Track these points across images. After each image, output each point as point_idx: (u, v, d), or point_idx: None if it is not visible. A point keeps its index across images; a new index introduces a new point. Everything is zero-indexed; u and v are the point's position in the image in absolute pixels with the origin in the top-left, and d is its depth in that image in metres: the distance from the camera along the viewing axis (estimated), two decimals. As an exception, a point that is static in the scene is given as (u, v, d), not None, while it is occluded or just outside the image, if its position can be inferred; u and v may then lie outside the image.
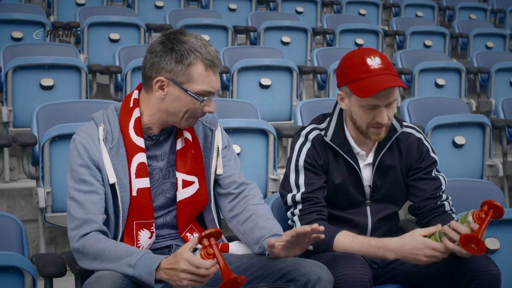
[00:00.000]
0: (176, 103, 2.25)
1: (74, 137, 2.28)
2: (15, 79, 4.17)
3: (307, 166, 2.50)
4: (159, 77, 2.24)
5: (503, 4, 8.41)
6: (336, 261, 2.28)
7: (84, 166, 2.23)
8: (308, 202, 2.47)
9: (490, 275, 2.32)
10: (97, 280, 2.05)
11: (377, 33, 6.50)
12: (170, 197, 2.35)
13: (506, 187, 4.62)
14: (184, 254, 2.02)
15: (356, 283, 2.23)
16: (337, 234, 2.40)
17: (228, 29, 5.88)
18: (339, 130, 2.55)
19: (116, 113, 2.32)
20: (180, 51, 2.22)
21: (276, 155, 3.71)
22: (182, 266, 2.01)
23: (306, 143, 2.54)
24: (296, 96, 4.87)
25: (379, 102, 2.42)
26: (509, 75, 5.70)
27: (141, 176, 2.27)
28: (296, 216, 2.48)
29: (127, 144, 2.28)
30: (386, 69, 2.42)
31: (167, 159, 2.34)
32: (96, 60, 5.30)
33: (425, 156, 2.59)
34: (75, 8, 6.06)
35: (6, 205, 3.89)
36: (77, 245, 2.18)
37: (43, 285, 2.35)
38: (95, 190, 2.23)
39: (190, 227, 2.37)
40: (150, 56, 2.27)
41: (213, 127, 2.41)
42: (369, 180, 2.57)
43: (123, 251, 2.13)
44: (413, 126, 2.65)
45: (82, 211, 2.20)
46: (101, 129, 2.27)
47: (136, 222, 2.27)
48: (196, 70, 2.23)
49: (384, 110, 2.43)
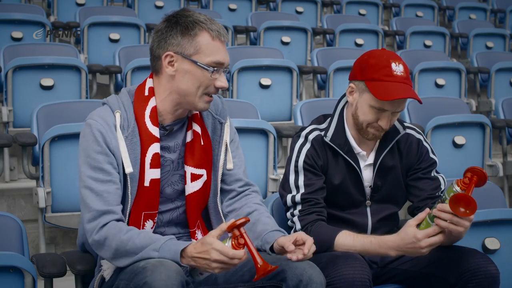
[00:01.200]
0: (186, 78, 2.22)
1: (90, 122, 2.22)
2: (15, 79, 4.17)
3: (306, 167, 2.50)
4: (167, 52, 2.22)
5: (503, 4, 8.41)
6: (336, 261, 2.28)
7: (102, 153, 2.18)
8: (308, 203, 2.47)
9: (489, 275, 2.32)
10: (161, 264, 2.00)
11: (377, 33, 6.50)
12: (178, 189, 2.32)
13: (506, 187, 4.62)
14: (215, 244, 2.01)
15: (356, 283, 2.23)
16: (337, 234, 2.40)
17: (228, 29, 5.88)
18: (340, 130, 2.55)
19: (131, 100, 2.28)
20: (184, 23, 2.22)
21: (276, 155, 3.71)
22: (214, 256, 2.00)
23: (306, 143, 2.54)
24: (296, 96, 4.87)
25: (389, 108, 2.43)
26: (509, 75, 5.70)
27: (154, 167, 2.24)
28: (296, 216, 2.48)
29: (142, 133, 2.23)
30: (407, 79, 2.46)
31: (179, 151, 2.32)
32: (96, 60, 5.30)
33: (424, 157, 2.59)
34: (75, 8, 6.06)
35: (6, 205, 3.89)
36: (98, 237, 2.14)
37: (43, 285, 2.35)
38: (112, 180, 2.18)
39: (198, 224, 2.35)
40: (156, 36, 2.26)
41: (222, 120, 2.39)
42: (370, 180, 2.57)
43: (147, 239, 2.10)
44: (413, 127, 2.65)
45: (100, 201, 2.15)
46: (118, 116, 2.22)
47: (144, 213, 2.24)
48: (203, 40, 2.22)
49: (389, 115, 2.45)
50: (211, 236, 2.03)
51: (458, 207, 2.20)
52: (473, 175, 2.24)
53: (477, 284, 2.31)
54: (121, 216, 2.18)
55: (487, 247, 2.65)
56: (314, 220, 2.45)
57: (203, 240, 2.05)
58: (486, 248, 2.65)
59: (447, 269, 2.38)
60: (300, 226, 2.45)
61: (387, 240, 2.35)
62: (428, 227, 2.28)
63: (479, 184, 2.26)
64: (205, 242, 2.03)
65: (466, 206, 2.20)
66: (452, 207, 2.21)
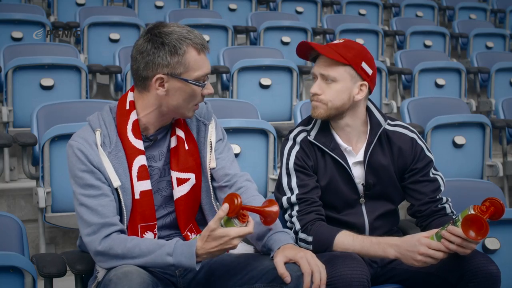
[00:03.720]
0: (177, 95, 2.24)
1: (71, 143, 2.25)
2: (15, 79, 4.17)
3: (297, 168, 2.51)
4: (158, 74, 2.22)
5: (503, 4, 8.41)
6: (334, 261, 2.28)
7: (87, 171, 2.21)
8: (304, 202, 2.47)
9: (489, 274, 2.31)
10: (126, 276, 2.02)
11: (377, 33, 6.50)
12: (167, 195, 2.34)
13: (506, 187, 4.62)
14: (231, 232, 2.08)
15: (354, 283, 2.22)
16: (337, 234, 2.40)
17: (228, 29, 5.88)
18: (324, 128, 2.55)
19: (112, 115, 2.30)
20: (171, 43, 2.21)
21: (276, 155, 3.71)
22: (236, 242, 2.08)
23: (294, 146, 2.55)
24: (296, 96, 4.88)
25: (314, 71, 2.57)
26: (509, 75, 5.70)
27: (142, 178, 2.26)
28: (295, 217, 2.48)
29: (126, 147, 2.26)
30: (312, 43, 2.55)
31: (164, 157, 2.34)
32: (96, 60, 5.30)
33: (419, 155, 2.58)
34: (75, 8, 6.06)
35: (6, 205, 3.89)
36: (102, 248, 2.14)
37: (43, 285, 2.35)
38: (104, 193, 2.20)
39: (190, 227, 2.36)
40: (141, 57, 2.24)
41: (206, 122, 2.40)
42: (361, 177, 2.56)
43: (153, 244, 2.13)
44: (406, 126, 2.64)
45: (96, 216, 2.17)
46: (98, 134, 2.25)
47: (140, 225, 2.26)
48: (190, 57, 2.23)
49: (317, 82, 2.56)
50: (218, 229, 2.07)
51: (470, 229, 2.19)
52: (491, 205, 2.23)
53: (477, 284, 2.31)
54: (122, 227, 2.20)
55: (487, 247, 2.65)
56: (314, 219, 2.45)
57: (213, 234, 2.08)
58: (486, 248, 2.66)
59: (448, 269, 2.38)
60: (300, 226, 2.45)
61: (388, 239, 2.35)
62: (433, 241, 2.28)
63: (495, 216, 2.24)
64: (218, 235, 2.07)
65: (477, 230, 2.19)
66: (464, 228, 2.20)
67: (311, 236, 2.42)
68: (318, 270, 2.13)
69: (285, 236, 2.24)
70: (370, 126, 2.58)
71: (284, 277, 2.11)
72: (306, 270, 2.13)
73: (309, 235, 2.42)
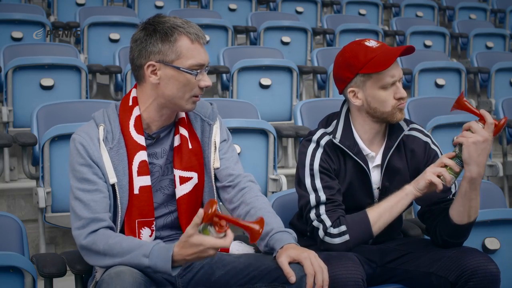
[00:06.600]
0: (171, 84, 2.24)
1: (74, 137, 2.27)
2: (15, 79, 4.17)
3: (322, 170, 2.48)
4: (149, 61, 2.23)
5: (503, 4, 8.42)
6: (329, 261, 2.25)
7: (86, 165, 2.23)
8: (332, 203, 2.45)
9: (489, 274, 2.31)
10: (118, 276, 2.03)
11: (377, 33, 6.50)
12: (169, 193, 2.34)
13: (506, 187, 4.62)
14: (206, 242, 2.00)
15: (349, 283, 2.22)
16: (366, 211, 2.43)
17: (228, 29, 5.88)
18: (348, 131, 2.54)
19: (117, 112, 2.32)
20: (163, 29, 2.23)
21: (276, 155, 3.71)
22: (211, 252, 2.02)
23: (318, 148, 2.51)
24: (296, 96, 4.87)
25: (393, 76, 2.46)
26: (509, 75, 5.70)
27: (142, 174, 2.27)
28: (324, 214, 2.44)
29: (128, 143, 2.27)
30: (384, 44, 2.50)
31: (166, 156, 2.34)
32: (96, 60, 5.30)
33: (433, 160, 2.54)
34: (75, 8, 6.07)
35: (6, 205, 3.89)
36: (86, 242, 2.16)
37: (43, 285, 2.35)
38: (98, 189, 2.22)
39: None
40: (135, 45, 2.27)
41: (211, 122, 2.40)
42: (378, 182, 2.55)
43: (134, 244, 2.12)
44: (420, 129, 2.62)
45: (87, 210, 2.19)
46: (101, 129, 2.27)
47: (138, 220, 2.27)
48: (182, 44, 2.23)
49: (398, 84, 2.49)
50: (195, 235, 2.02)
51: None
52: None
53: (477, 283, 2.31)
54: (110, 223, 2.20)
55: (487, 247, 2.65)
56: (342, 215, 2.44)
57: (189, 241, 2.02)
58: (486, 248, 2.65)
59: (447, 268, 2.37)
60: (331, 222, 2.42)
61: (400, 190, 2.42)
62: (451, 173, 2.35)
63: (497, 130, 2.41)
64: (194, 243, 2.01)
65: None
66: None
67: (343, 225, 2.40)
68: (320, 271, 2.14)
69: (287, 236, 2.24)
70: (389, 129, 2.57)
71: (289, 276, 2.11)
72: (310, 271, 2.13)
73: (342, 225, 2.40)
